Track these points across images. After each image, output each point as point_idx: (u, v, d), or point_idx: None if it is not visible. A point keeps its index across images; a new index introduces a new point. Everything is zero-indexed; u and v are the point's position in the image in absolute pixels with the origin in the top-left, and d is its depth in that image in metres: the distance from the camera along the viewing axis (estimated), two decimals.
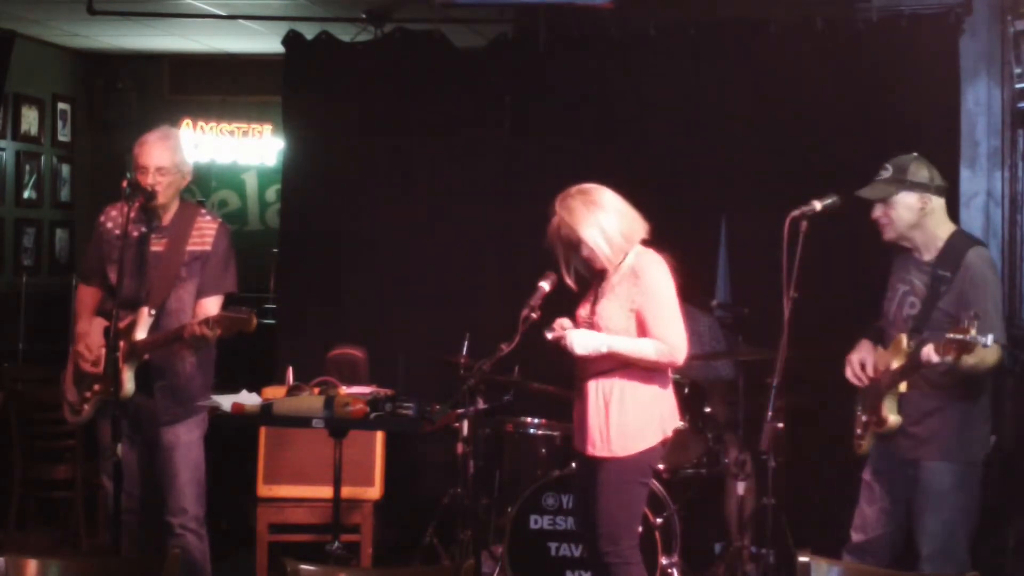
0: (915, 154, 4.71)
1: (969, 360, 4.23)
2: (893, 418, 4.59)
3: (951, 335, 4.12)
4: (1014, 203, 6.49)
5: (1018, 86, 6.42)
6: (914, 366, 4.44)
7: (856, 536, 4.80)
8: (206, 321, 4.72)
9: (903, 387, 4.57)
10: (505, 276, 6.75)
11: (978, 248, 4.60)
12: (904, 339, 4.57)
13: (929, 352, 4.26)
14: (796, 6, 6.56)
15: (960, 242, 4.61)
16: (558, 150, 6.78)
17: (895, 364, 4.57)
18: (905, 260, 4.74)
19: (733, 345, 6.25)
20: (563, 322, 4.75)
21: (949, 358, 4.19)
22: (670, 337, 4.60)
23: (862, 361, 4.77)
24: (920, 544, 4.60)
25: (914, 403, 4.59)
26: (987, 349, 4.20)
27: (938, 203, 4.64)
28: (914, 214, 4.61)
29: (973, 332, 4.05)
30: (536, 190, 6.53)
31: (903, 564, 4.66)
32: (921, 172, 4.62)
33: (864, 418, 4.77)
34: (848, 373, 4.82)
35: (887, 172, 4.67)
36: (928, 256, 4.64)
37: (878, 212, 4.67)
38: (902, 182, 4.61)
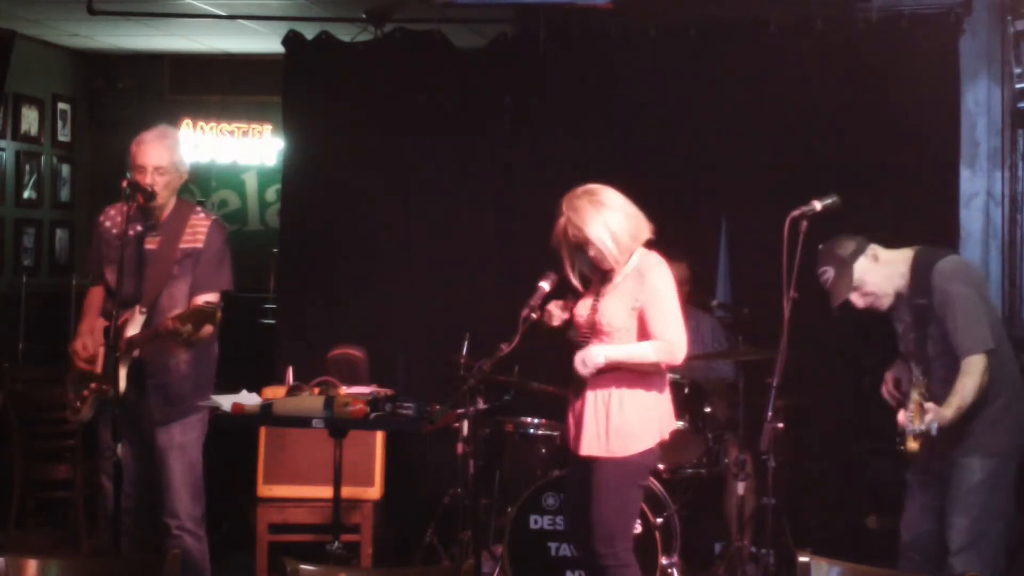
0: (826, 242, 4.76)
1: (940, 412, 4.37)
2: (912, 444, 4.53)
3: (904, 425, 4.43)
4: (1014, 203, 6.49)
5: (1018, 86, 6.42)
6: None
7: (904, 534, 4.80)
8: (178, 316, 4.71)
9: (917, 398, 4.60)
10: (505, 276, 6.75)
11: (939, 264, 4.64)
12: (917, 373, 4.64)
13: (906, 419, 4.47)
14: (796, 6, 6.55)
15: (922, 264, 4.67)
16: (558, 150, 6.78)
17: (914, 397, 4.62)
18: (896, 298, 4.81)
19: (733, 345, 6.24)
20: (555, 308, 4.76)
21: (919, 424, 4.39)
22: (669, 334, 4.60)
23: (896, 378, 4.83)
24: (949, 540, 4.57)
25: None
26: (962, 379, 4.44)
27: (876, 248, 4.73)
28: (877, 272, 4.69)
29: (913, 424, 4.36)
30: (536, 190, 6.56)
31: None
32: (846, 245, 4.72)
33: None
34: (883, 391, 4.85)
35: (830, 271, 4.73)
36: (905, 289, 4.71)
37: (859, 301, 4.74)
38: (845, 264, 4.69)
